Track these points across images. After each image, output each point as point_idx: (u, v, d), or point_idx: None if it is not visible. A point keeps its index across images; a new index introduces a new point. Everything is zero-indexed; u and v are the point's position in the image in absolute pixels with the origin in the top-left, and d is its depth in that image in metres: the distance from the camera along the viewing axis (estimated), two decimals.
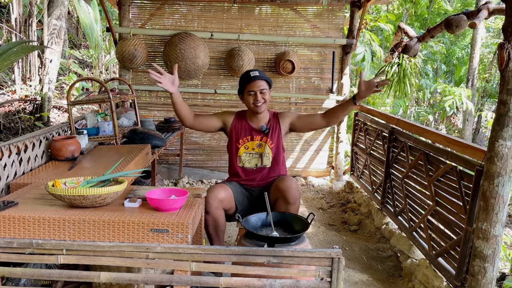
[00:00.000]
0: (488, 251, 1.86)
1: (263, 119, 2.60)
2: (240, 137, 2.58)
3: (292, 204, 2.32)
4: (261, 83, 2.48)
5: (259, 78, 2.48)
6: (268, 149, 2.56)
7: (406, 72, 3.70)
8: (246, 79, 2.51)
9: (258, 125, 2.59)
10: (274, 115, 2.64)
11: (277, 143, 2.58)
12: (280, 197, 2.36)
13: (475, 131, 10.40)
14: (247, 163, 2.57)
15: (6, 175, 2.23)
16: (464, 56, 10.02)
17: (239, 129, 2.59)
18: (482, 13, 2.60)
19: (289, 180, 2.38)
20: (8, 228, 1.68)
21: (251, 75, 2.49)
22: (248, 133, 2.59)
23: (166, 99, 4.56)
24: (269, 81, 2.54)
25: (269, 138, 2.56)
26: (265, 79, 2.51)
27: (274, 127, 2.59)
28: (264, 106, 2.52)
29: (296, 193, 2.34)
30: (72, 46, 8.39)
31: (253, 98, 2.49)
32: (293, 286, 1.53)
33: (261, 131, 2.56)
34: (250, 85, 2.48)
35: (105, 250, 1.57)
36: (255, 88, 2.48)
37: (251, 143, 2.58)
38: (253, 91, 2.48)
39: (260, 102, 2.49)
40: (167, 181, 4.47)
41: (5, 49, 3.26)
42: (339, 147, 4.64)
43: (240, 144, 2.58)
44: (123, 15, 4.29)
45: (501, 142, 1.78)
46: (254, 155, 2.58)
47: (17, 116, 5.12)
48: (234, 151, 2.59)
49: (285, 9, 4.44)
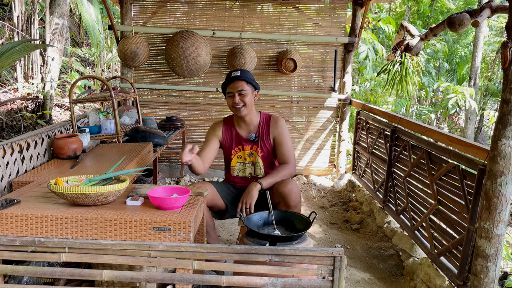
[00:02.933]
0: (490, 250, 1.86)
1: (251, 123, 2.49)
2: (232, 148, 2.52)
3: (293, 208, 2.30)
4: (239, 84, 2.35)
5: (239, 79, 2.36)
6: (259, 159, 2.49)
7: (408, 70, 3.69)
8: (227, 78, 2.41)
9: (246, 132, 2.50)
10: (266, 119, 2.51)
11: (267, 151, 2.50)
12: (281, 201, 2.33)
13: (477, 129, 10.38)
14: (241, 172, 2.53)
15: (8, 173, 2.24)
16: (466, 54, 9.99)
17: (229, 139, 2.52)
18: (485, 11, 2.59)
19: (290, 183, 2.33)
20: (10, 226, 1.68)
21: (231, 75, 2.38)
22: (238, 143, 2.51)
23: (168, 98, 4.56)
24: (252, 82, 2.40)
25: (258, 146, 2.48)
26: (246, 80, 2.37)
27: (264, 134, 2.48)
28: (244, 110, 2.39)
29: (297, 197, 2.31)
30: (74, 44, 8.39)
31: (231, 100, 2.38)
32: (295, 285, 1.53)
33: (250, 140, 2.48)
34: (230, 85, 2.38)
35: (107, 248, 1.57)
36: (233, 89, 2.36)
37: (242, 152, 2.51)
38: (231, 92, 2.37)
39: (239, 104, 2.36)
40: (168, 179, 4.47)
41: (8, 47, 3.26)
42: (341, 146, 4.63)
43: (233, 154, 2.52)
44: (125, 13, 4.29)
45: (504, 141, 1.77)
46: (247, 164, 2.53)
47: (19, 114, 5.13)
48: (228, 161, 2.56)
49: (287, 7, 4.43)
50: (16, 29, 5.60)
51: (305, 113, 4.67)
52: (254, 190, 2.32)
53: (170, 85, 4.50)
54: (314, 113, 4.66)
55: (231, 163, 2.54)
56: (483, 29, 8.54)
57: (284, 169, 2.44)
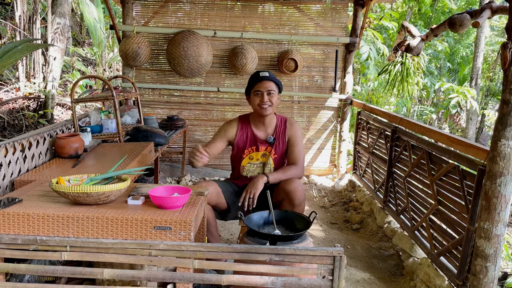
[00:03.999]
0: (490, 250, 1.87)
1: (269, 124, 2.52)
2: (246, 148, 2.52)
3: (297, 206, 2.30)
4: (269, 84, 2.41)
5: (268, 79, 2.41)
6: (271, 160, 2.51)
7: (409, 71, 3.70)
8: (255, 78, 2.44)
9: (263, 133, 2.52)
10: (282, 121, 2.55)
11: (280, 154, 2.54)
12: (285, 198, 2.34)
13: (479, 130, 10.37)
14: (251, 173, 2.55)
15: (10, 172, 2.25)
16: (468, 54, 9.98)
17: (244, 139, 2.52)
18: (485, 12, 2.60)
19: (295, 182, 2.35)
20: (12, 224, 1.69)
21: (260, 75, 2.43)
22: (253, 144, 2.52)
23: (169, 97, 4.57)
24: (279, 84, 2.47)
25: (273, 149, 2.51)
26: (275, 81, 2.44)
27: (280, 136, 2.52)
28: (270, 109, 2.44)
29: (302, 195, 2.32)
30: (75, 43, 8.41)
31: (260, 99, 2.41)
32: (295, 284, 1.54)
33: (267, 142, 2.50)
34: (258, 84, 2.42)
35: (108, 247, 1.58)
36: (263, 88, 2.40)
37: (255, 153, 2.53)
38: (260, 91, 2.41)
39: (266, 104, 2.40)
40: (169, 178, 4.48)
41: (10, 47, 3.27)
42: (342, 146, 4.64)
43: (245, 154, 2.53)
44: (126, 13, 4.30)
45: (504, 142, 1.78)
46: (258, 165, 2.55)
47: (21, 113, 5.15)
48: (238, 161, 2.56)
49: (288, 7, 4.44)
50: (18, 29, 5.62)
51: (306, 113, 4.67)
52: (260, 181, 2.33)
53: (171, 85, 4.51)
54: (315, 113, 4.66)
55: (242, 162, 2.54)
56: (484, 29, 8.53)
57: (292, 169, 2.46)
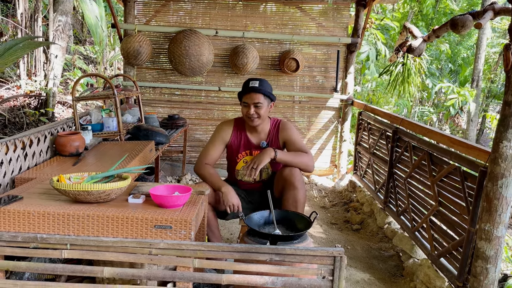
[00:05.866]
0: (490, 252, 1.86)
1: (262, 130, 2.49)
2: (239, 152, 2.51)
3: (299, 189, 2.28)
4: (257, 97, 2.33)
5: (256, 91, 2.33)
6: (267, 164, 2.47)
7: (410, 72, 3.70)
8: (244, 88, 2.39)
9: (257, 139, 2.50)
10: (275, 125, 2.52)
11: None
12: (285, 184, 2.32)
13: (479, 131, 10.36)
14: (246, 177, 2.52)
15: (11, 169, 2.25)
16: (469, 56, 9.97)
17: (237, 143, 2.51)
18: (488, 13, 2.60)
19: (291, 168, 2.34)
20: (12, 222, 1.69)
21: (249, 85, 2.36)
22: (247, 148, 2.51)
23: (170, 96, 4.57)
24: (269, 95, 2.37)
25: None
26: (264, 93, 2.34)
27: (274, 140, 2.49)
28: (257, 121, 2.38)
29: (300, 177, 2.31)
30: (77, 42, 8.41)
31: (246, 111, 2.36)
32: (295, 284, 1.54)
33: (260, 147, 2.48)
34: (246, 96, 2.36)
35: (108, 245, 1.58)
36: (249, 100, 2.34)
37: (249, 157, 2.51)
38: (247, 103, 2.36)
39: (253, 117, 2.36)
40: (170, 177, 4.48)
41: (11, 44, 3.27)
42: (342, 146, 4.64)
43: (239, 158, 2.52)
44: (128, 11, 4.30)
45: (505, 144, 1.78)
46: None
47: (22, 111, 5.15)
48: (233, 164, 2.55)
49: (290, 7, 4.44)
50: (19, 26, 5.62)
51: (307, 113, 4.67)
52: (266, 155, 2.30)
53: (172, 84, 4.51)
54: (316, 113, 4.66)
55: (237, 166, 2.54)
56: (486, 31, 8.52)
57: (303, 156, 2.40)
